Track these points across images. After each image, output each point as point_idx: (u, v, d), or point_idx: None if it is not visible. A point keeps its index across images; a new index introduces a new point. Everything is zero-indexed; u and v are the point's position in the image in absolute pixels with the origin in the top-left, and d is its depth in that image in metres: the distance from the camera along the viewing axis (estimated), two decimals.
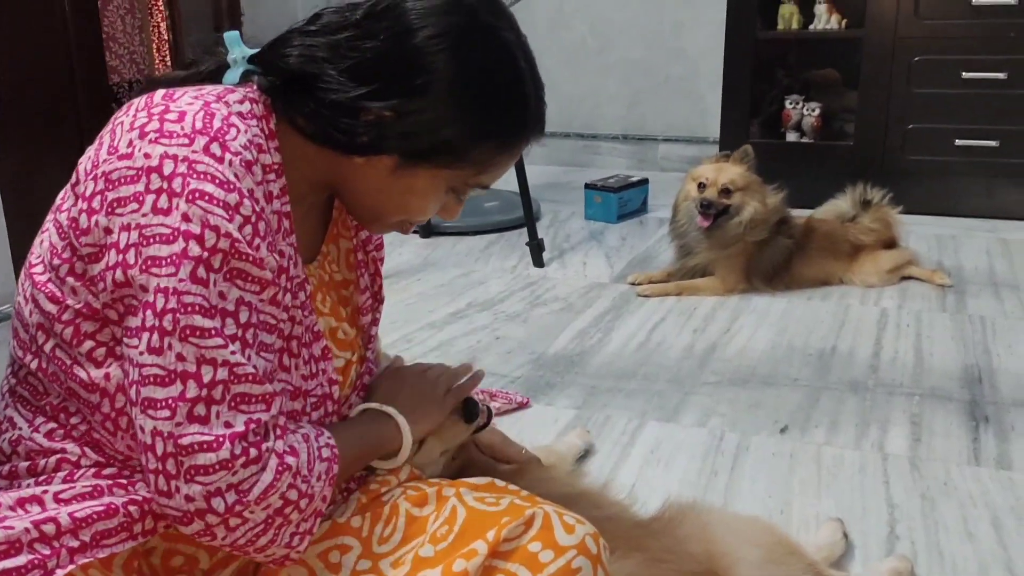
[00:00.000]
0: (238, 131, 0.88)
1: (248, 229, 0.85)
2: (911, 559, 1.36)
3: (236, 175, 0.85)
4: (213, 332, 0.82)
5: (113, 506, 0.88)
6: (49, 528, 0.85)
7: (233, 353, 0.83)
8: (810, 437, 1.78)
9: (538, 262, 2.96)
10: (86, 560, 0.85)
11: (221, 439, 0.81)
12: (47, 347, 0.91)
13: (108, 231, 0.84)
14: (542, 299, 2.65)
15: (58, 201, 0.92)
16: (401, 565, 0.97)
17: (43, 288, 0.89)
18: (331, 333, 1.07)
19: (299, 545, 0.90)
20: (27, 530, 0.84)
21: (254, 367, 0.84)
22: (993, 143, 3.28)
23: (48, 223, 0.92)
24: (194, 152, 0.84)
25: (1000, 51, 3.20)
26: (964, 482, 1.61)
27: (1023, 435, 1.77)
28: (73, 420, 0.92)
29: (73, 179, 0.90)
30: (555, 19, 4.46)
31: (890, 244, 2.77)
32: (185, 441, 0.80)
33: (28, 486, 0.89)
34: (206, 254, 0.82)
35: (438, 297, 2.67)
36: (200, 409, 0.81)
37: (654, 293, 2.65)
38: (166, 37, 3.07)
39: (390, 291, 2.69)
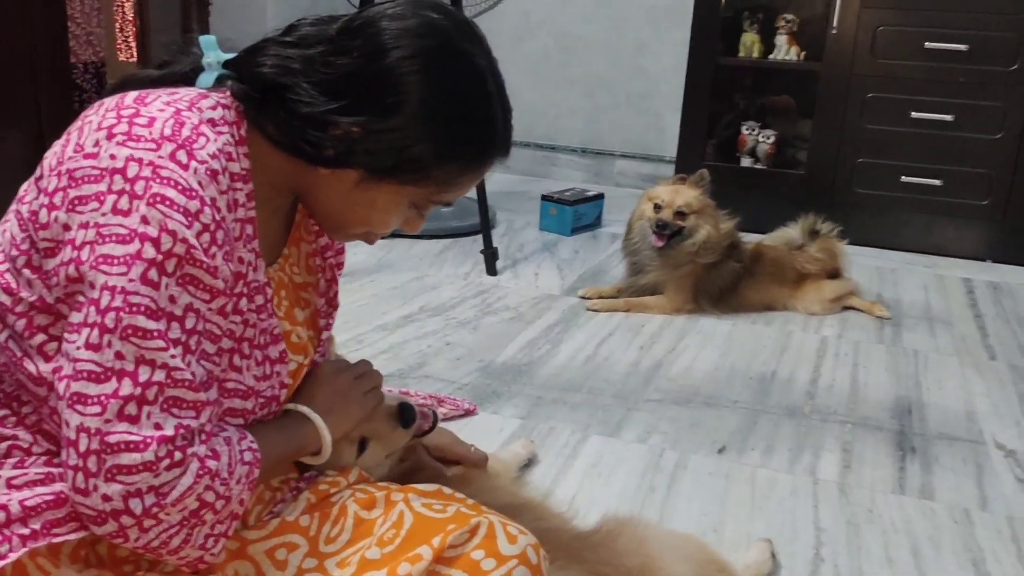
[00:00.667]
0: (207, 140, 0.90)
1: (206, 237, 0.86)
2: None
3: (200, 183, 0.86)
4: (156, 334, 0.82)
5: (63, 495, 0.88)
6: None
7: (173, 357, 0.83)
8: (746, 459, 1.84)
9: (491, 270, 2.99)
10: (36, 546, 0.86)
11: (148, 440, 0.81)
12: (1, 337, 0.91)
13: (67, 227, 0.85)
14: (493, 307, 2.68)
15: (21, 192, 0.93)
16: (347, 566, 0.99)
17: None
18: (284, 336, 1.08)
19: (213, 547, 0.89)
20: None
21: (192, 374, 0.85)
22: (937, 182, 3.40)
23: (10, 214, 0.93)
24: (160, 157, 0.85)
25: (949, 94, 3.33)
26: (888, 510, 1.68)
27: (946, 467, 1.85)
28: (25, 409, 0.93)
29: (37, 173, 0.91)
30: (520, 29, 4.50)
31: (834, 274, 2.85)
32: (112, 439, 0.80)
33: None
34: (160, 257, 0.83)
35: (391, 300, 2.69)
36: (131, 408, 0.81)
37: (603, 308, 2.70)
38: (131, 18, 3.04)
39: (344, 291, 2.69)
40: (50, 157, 0.90)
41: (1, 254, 0.91)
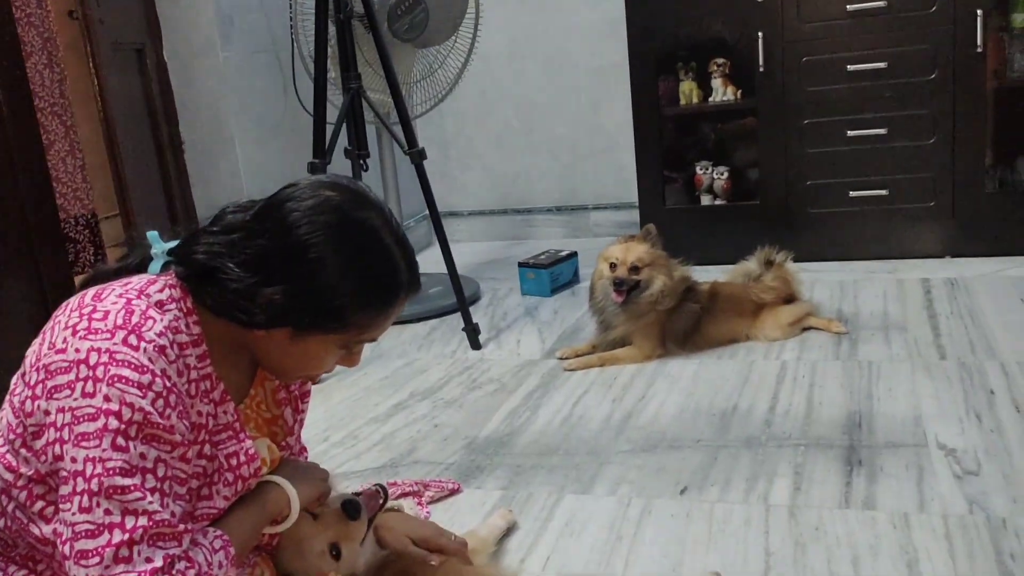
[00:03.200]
0: (154, 321, 1.11)
1: (160, 402, 1.07)
2: None
3: (150, 359, 1.08)
4: (133, 488, 1.03)
5: None
6: None
7: (151, 503, 1.04)
8: (705, 496, 2.02)
9: (475, 345, 3.19)
10: None
11: (143, 574, 1.02)
12: (9, 508, 1.13)
13: (47, 413, 1.07)
14: (478, 382, 2.88)
15: (12, 385, 1.15)
16: None
17: (2, 460, 1.12)
18: (269, 449, 1.31)
19: None
20: None
21: (171, 513, 1.06)
22: (883, 192, 3.59)
23: (6, 404, 1.15)
24: (114, 344, 1.07)
25: (879, 109, 3.53)
26: (833, 526, 1.84)
27: (890, 475, 2.01)
28: (40, 567, 1.14)
29: (22, 369, 1.14)
30: (480, 107, 4.77)
31: (790, 299, 3.03)
32: None
33: None
34: (123, 426, 1.04)
35: (382, 390, 2.89)
36: (124, 551, 1.02)
37: (579, 366, 2.89)
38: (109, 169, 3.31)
39: (337, 387, 2.92)
40: (30, 355, 1.13)
41: (1, 438, 1.13)
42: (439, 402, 2.75)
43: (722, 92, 3.83)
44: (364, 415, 2.70)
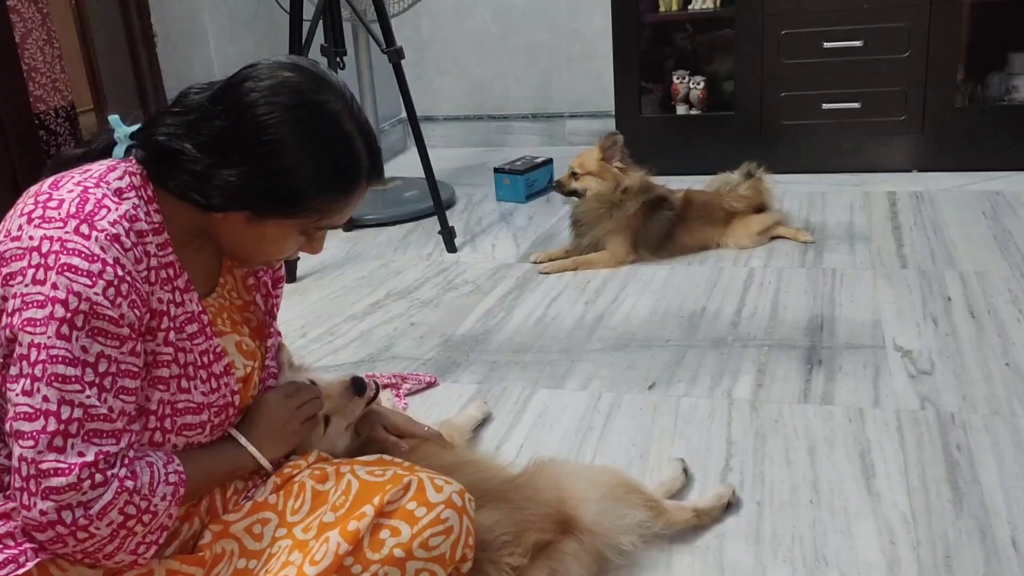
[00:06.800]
0: (108, 210, 1.11)
1: (111, 291, 1.07)
2: (733, 485, 1.69)
3: (101, 248, 1.08)
4: (73, 379, 1.04)
5: None
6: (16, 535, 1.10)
7: (89, 397, 1.05)
8: (672, 391, 2.11)
9: (451, 248, 3.23)
10: (46, 557, 1.09)
11: (73, 466, 1.02)
12: None
13: (4, 299, 1.07)
14: (454, 283, 2.93)
15: None
16: (310, 529, 1.25)
17: None
18: (236, 346, 1.32)
19: (145, 553, 1.11)
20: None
21: (108, 408, 1.07)
22: (856, 105, 3.63)
23: None
24: (66, 233, 1.07)
25: (856, 21, 3.54)
26: (792, 418, 1.94)
27: (848, 374, 2.11)
28: None
29: None
30: (458, 9, 4.70)
31: (761, 208, 3.09)
32: (44, 466, 1.03)
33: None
34: (69, 315, 1.04)
35: (359, 289, 2.94)
36: (58, 441, 1.03)
37: (553, 270, 2.95)
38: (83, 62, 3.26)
39: (315, 286, 2.96)
40: None
41: None
42: (415, 302, 2.80)
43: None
44: (341, 313, 2.75)
